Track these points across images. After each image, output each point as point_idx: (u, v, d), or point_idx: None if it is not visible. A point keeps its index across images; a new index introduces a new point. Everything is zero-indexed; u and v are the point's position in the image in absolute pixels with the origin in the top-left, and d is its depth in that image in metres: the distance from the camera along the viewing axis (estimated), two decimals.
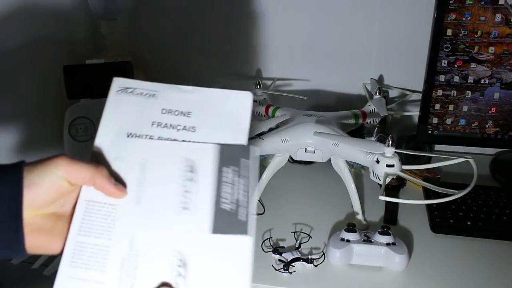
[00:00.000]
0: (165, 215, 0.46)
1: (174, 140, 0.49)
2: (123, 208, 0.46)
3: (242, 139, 0.49)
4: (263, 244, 0.79)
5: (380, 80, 1.12)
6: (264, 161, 0.99)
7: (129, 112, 0.50)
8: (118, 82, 0.53)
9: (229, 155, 0.49)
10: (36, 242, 0.44)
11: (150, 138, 0.49)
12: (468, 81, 0.92)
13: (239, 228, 0.47)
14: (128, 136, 0.49)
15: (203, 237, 0.46)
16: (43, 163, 0.43)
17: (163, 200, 0.46)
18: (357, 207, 0.85)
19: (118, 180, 0.46)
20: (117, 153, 0.48)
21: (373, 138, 0.95)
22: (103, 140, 0.49)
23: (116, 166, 0.48)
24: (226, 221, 0.46)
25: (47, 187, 0.42)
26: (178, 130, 0.49)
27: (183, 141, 0.49)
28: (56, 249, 0.45)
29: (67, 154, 0.44)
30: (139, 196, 0.47)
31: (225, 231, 0.46)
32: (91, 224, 0.45)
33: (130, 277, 0.44)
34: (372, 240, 0.74)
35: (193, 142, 0.49)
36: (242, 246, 0.46)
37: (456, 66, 0.91)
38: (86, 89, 0.95)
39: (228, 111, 0.51)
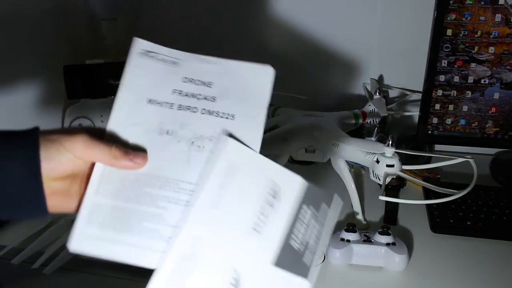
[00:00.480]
0: (236, 230, 0.45)
1: (194, 108, 0.48)
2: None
3: (260, 114, 0.47)
4: None
5: (380, 80, 1.12)
6: None
7: (151, 77, 0.49)
8: (140, 44, 0.51)
9: (312, 196, 0.48)
10: (54, 203, 0.45)
11: (171, 106, 0.48)
12: (468, 81, 0.92)
13: (301, 270, 0.46)
14: (148, 102, 0.48)
15: (264, 265, 0.44)
16: (60, 140, 0.43)
17: (239, 213, 0.45)
18: (357, 207, 0.85)
19: (136, 147, 0.47)
20: (137, 118, 0.47)
21: (373, 138, 0.95)
22: (123, 103, 0.48)
23: (134, 132, 0.47)
24: (290, 259, 0.45)
25: (62, 163, 0.43)
26: (199, 99, 0.48)
27: (203, 109, 0.48)
28: (73, 208, 0.46)
29: (86, 133, 0.44)
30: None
31: (287, 267, 0.45)
32: (108, 185, 0.45)
33: (183, 276, 0.43)
34: (372, 240, 0.74)
35: (284, 168, 0.48)
36: None
37: (456, 66, 0.91)
38: (86, 89, 0.95)
39: (249, 84, 0.49)
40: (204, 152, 0.46)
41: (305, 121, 0.88)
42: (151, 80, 0.49)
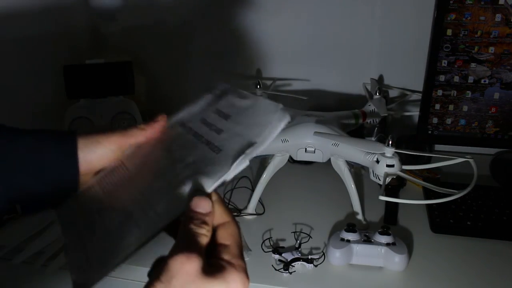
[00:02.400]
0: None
1: (200, 137, 0.50)
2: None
3: (254, 148, 0.46)
4: (263, 244, 0.79)
5: (380, 80, 1.12)
6: (264, 161, 0.99)
7: (199, 106, 0.55)
8: (221, 85, 0.56)
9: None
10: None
11: (188, 132, 0.52)
12: (468, 81, 0.92)
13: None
14: (180, 126, 0.54)
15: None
16: (96, 137, 0.50)
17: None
18: (357, 207, 0.85)
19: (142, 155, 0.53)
20: (164, 136, 0.53)
21: (373, 138, 0.95)
22: (170, 121, 0.55)
23: (152, 146, 0.53)
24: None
25: (97, 155, 0.50)
26: (210, 129, 0.50)
27: (205, 140, 0.49)
28: None
29: (116, 131, 0.51)
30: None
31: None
32: (106, 177, 0.51)
33: None
34: (372, 240, 0.74)
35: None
36: None
37: (456, 66, 0.91)
38: (86, 89, 0.95)
39: (254, 121, 0.48)
40: (171, 173, 0.48)
41: (305, 121, 0.88)
42: (197, 109, 0.55)
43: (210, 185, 0.44)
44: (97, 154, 0.50)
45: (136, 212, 0.46)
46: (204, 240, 0.40)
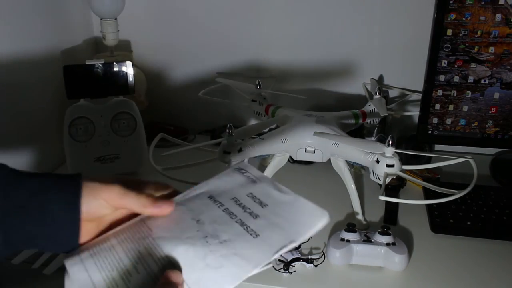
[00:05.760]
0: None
1: (235, 215, 0.50)
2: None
3: (275, 248, 0.46)
4: None
5: (380, 80, 1.12)
6: (264, 161, 0.99)
7: (227, 184, 0.54)
8: (241, 164, 0.57)
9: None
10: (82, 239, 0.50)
11: (219, 206, 0.51)
12: (468, 81, 0.92)
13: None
14: (208, 198, 0.53)
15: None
16: (98, 189, 0.49)
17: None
18: (357, 207, 0.85)
19: (167, 218, 0.51)
20: (188, 202, 0.52)
21: (373, 138, 0.95)
22: (192, 191, 0.54)
23: (177, 209, 0.51)
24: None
25: (96, 208, 0.49)
26: (245, 211, 0.50)
27: (239, 220, 0.49)
28: (82, 242, 0.50)
29: (120, 184, 0.49)
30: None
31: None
32: (125, 232, 0.50)
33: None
34: (372, 240, 0.74)
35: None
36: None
37: (456, 66, 0.91)
38: (86, 89, 0.95)
39: (295, 218, 0.49)
40: (206, 248, 0.46)
41: (305, 121, 0.88)
42: (226, 185, 0.54)
43: (249, 271, 0.44)
44: (97, 204, 0.49)
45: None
46: None
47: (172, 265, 0.45)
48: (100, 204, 0.49)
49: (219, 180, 0.55)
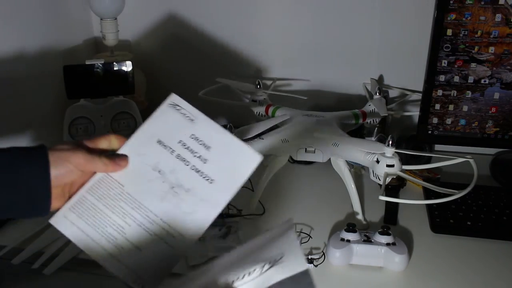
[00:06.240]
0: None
1: (187, 162, 0.58)
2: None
3: (230, 191, 0.57)
4: None
5: (380, 80, 1.12)
6: (264, 161, 0.99)
7: (168, 124, 0.60)
8: (172, 98, 0.61)
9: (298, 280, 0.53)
10: (52, 205, 0.55)
11: (171, 152, 0.59)
12: (468, 81, 0.92)
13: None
14: (157, 142, 0.59)
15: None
16: (65, 154, 0.54)
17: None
18: (357, 207, 0.85)
19: (132, 172, 0.58)
20: (144, 151, 0.59)
21: (373, 138, 0.95)
22: (139, 136, 0.59)
23: (136, 160, 0.58)
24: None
25: (66, 173, 0.54)
26: (194, 156, 0.58)
27: (193, 166, 0.58)
28: (58, 206, 0.56)
29: (84, 149, 0.55)
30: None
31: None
32: (98, 189, 0.57)
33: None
34: (372, 240, 0.74)
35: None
36: None
37: (456, 66, 0.91)
38: (86, 89, 0.95)
39: (237, 160, 0.58)
40: (177, 197, 0.57)
41: (305, 121, 0.88)
42: (167, 126, 0.60)
43: (216, 214, 0.56)
44: (66, 170, 0.54)
45: (161, 233, 0.56)
46: None
47: (155, 216, 0.56)
48: (69, 169, 0.54)
49: (159, 120, 0.60)
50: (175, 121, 0.60)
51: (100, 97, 0.96)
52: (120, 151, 0.59)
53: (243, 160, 0.58)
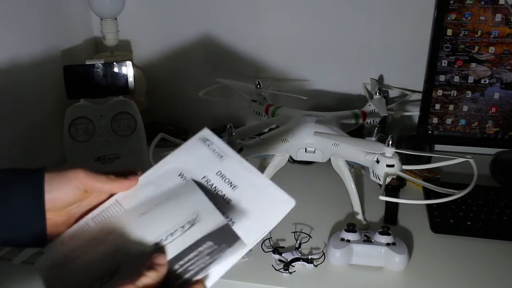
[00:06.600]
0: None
1: (213, 196, 0.53)
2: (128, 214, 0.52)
3: (256, 236, 0.51)
4: (263, 244, 0.79)
5: (380, 80, 1.12)
6: (264, 161, 0.99)
7: (194, 158, 0.55)
8: (205, 132, 0.57)
9: (222, 234, 0.50)
10: (53, 233, 0.51)
11: (191, 185, 0.53)
12: (468, 81, 0.92)
13: None
14: (178, 176, 0.54)
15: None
16: (64, 172, 0.50)
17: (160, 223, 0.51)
18: (357, 207, 0.85)
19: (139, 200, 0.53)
20: (163, 182, 0.54)
21: (373, 138, 0.95)
22: (162, 167, 0.55)
23: (149, 188, 0.54)
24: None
25: (64, 193, 0.50)
26: (217, 194, 0.53)
27: (215, 204, 0.52)
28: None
29: (86, 168, 0.51)
30: (144, 212, 0.52)
31: None
32: (104, 217, 0.52)
33: None
34: (372, 240, 0.74)
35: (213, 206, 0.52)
36: None
37: (456, 66, 0.91)
38: (86, 89, 0.95)
39: (265, 205, 0.53)
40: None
41: (305, 121, 0.88)
42: (193, 160, 0.55)
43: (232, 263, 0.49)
44: (65, 188, 0.50)
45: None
46: (147, 280, 0.45)
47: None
48: (68, 187, 0.50)
49: (185, 153, 0.56)
50: (203, 155, 0.55)
51: (100, 97, 0.96)
52: (139, 180, 0.55)
53: (273, 203, 0.53)
